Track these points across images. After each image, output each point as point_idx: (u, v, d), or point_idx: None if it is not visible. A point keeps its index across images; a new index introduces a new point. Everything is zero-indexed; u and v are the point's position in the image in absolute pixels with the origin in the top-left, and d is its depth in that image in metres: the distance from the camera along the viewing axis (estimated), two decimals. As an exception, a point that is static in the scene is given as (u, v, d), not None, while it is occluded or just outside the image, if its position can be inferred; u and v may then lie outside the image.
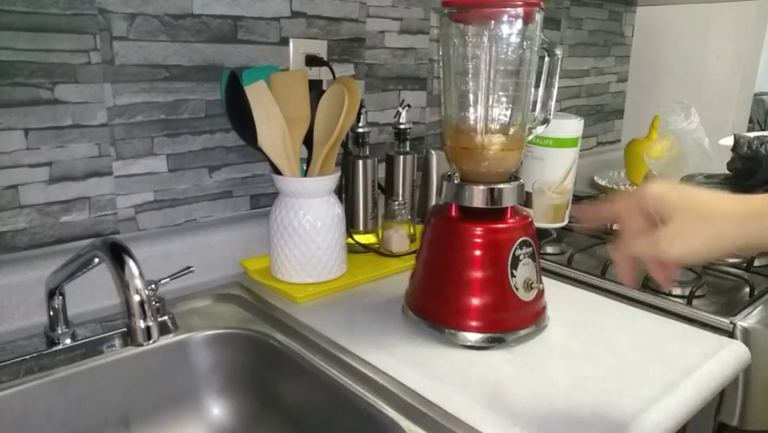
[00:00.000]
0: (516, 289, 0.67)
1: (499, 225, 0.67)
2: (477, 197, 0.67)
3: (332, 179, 0.81)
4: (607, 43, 1.58)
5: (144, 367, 0.69)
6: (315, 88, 0.85)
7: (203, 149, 0.84)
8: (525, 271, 0.68)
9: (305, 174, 0.82)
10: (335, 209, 0.82)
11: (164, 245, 0.79)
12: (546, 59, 0.70)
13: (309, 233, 0.79)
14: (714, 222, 0.44)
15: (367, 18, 0.99)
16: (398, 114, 0.95)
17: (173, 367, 0.71)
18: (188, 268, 0.74)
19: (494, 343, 0.66)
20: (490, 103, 0.67)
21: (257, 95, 0.76)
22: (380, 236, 0.94)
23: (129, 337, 0.54)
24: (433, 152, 1.06)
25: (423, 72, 1.10)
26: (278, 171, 0.80)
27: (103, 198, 0.76)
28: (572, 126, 0.95)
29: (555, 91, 0.71)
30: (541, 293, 0.70)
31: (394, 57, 1.05)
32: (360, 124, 0.89)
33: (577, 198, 1.24)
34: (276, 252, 0.81)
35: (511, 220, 0.69)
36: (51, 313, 0.65)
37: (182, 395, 0.72)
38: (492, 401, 0.56)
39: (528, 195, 0.98)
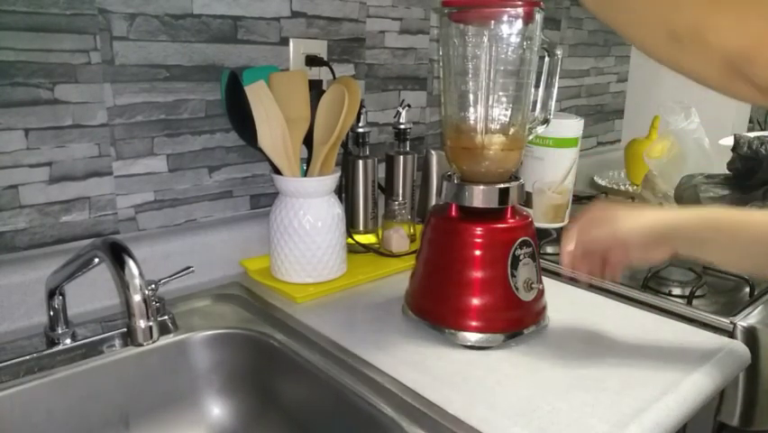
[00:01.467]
0: (516, 289, 0.67)
1: (499, 225, 0.67)
2: (477, 197, 0.67)
3: (332, 179, 0.81)
4: (607, 43, 1.58)
5: (144, 367, 0.69)
6: (315, 88, 0.85)
7: (203, 149, 0.84)
8: (525, 271, 0.68)
9: (305, 174, 0.82)
10: (335, 209, 0.82)
11: (164, 245, 0.79)
12: (546, 59, 0.70)
13: (309, 233, 0.79)
14: (647, 215, 0.62)
15: (367, 18, 0.99)
16: (398, 114, 0.95)
17: (173, 367, 0.71)
18: (188, 268, 0.74)
19: (494, 343, 0.66)
20: (490, 103, 0.67)
21: (257, 95, 0.76)
22: (380, 236, 0.94)
23: (129, 337, 0.54)
24: (433, 151, 1.06)
25: (423, 72, 1.10)
26: (278, 171, 0.80)
27: (103, 198, 0.76)
28: (572, 126, 0.95)
29: (555, 91, 0.71)
30: (541, 293, 0.70)
31: (394, 57, 1.05)
32: (360, 124, 0.89)
33: (577, 198, 1.24)
34: (276, 252, 0.81)
35: (511, 220, 0.69)
36: (51, 313, 0.65)
37: (182, 395, 0.72)
38: (492, 401, 0.56)
39: (528, 195, 0.98)
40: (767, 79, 0.36)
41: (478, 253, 0.66)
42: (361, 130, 0.89)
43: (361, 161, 0.90)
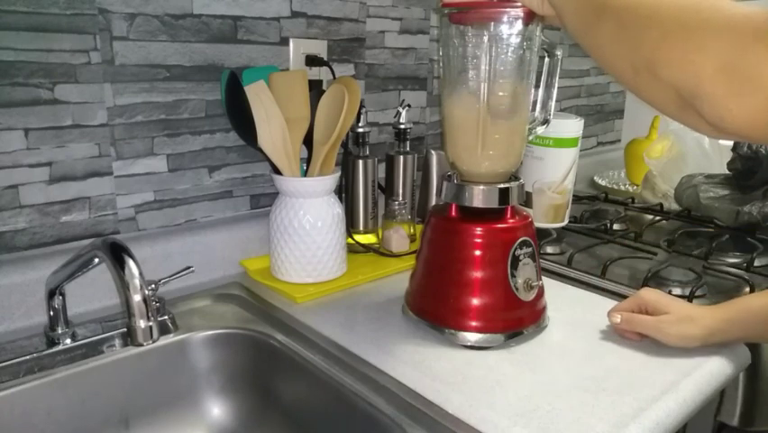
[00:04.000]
0: (516, 289, 0.67)
1: (499, 225, 0.67)
2: (477, 197, 0.67)
3: (332, 179, 0.81)
4: (607, 43, 1.57)
5: (144, 367, 0.69)
6: (315, 88, 0.85)
7: (203, 149, 0.84)
8: (525, 271, 0.68)
9: (305, 174, 0.82)
10: (335, 209, 0.82)
11: (164, 245, 0.79)
12: (546, 59, 0.70)
13: (309, 233, 0.79)
14: (696, 323, 0.64)
15: (367, 18, 0.99)
16: (398, 114, 0.95)
17: (173, 367, 0.71)
18: (188, 268, 0.74)
19: (494, 343, 0.66)
20: (490, 103, 0.67)
21: (257, 95, 0.76)
22: (380, 236, 0.94)
23: (129, 337, 0.54)
24: (433, 151, 1.06)
25: (423, 72, 1.10)
26: (278, 171, 0.80)
27: (103, 198, 0.76)
28: (572, 126, 0.95)
29: (555, 91, 0.71)
30: (541, 293, 0.71)
31: (394, 57, 1.05)
32: (360, 124, 0.89)
33: (577, 198, 1.24)
34: (276, 252, 0.81)
35: (511, 220, 0.69)
36: (51, 313, 0.65)
37: (182, 395, 0.72)
38: (492, 401, 0.56)
39: (528, 195, 0.98)
40: (711, 114, 0.37)
41: (478, 253, 0.66)
42: (361, 130, 0.89)
43: (361, 161, 0.90)
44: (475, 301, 0.66)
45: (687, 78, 0.37)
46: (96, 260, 0.60)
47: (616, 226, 1.09)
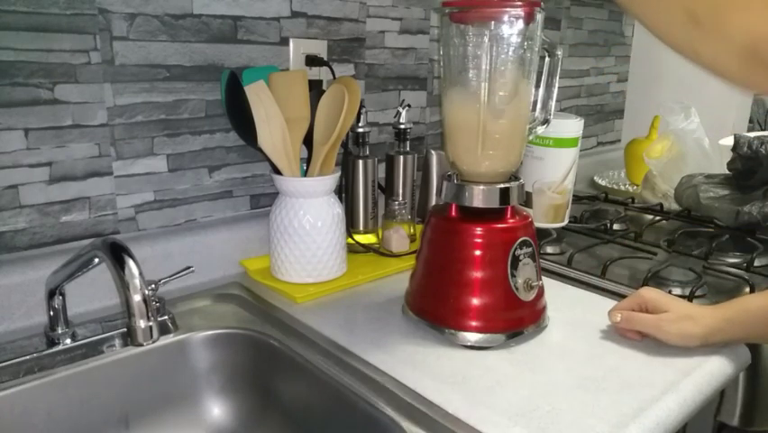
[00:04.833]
0: (517, 289, 0.67)
1: (499, 225, 0.67)
2: (477, 197, 0.67)
3: (332, 179, 0.81)
4: (607, 43, 1.58)
5: (144, 367, 0.69)
6: (315, 88, 0.85)
7: (203, 149, 0.84)
8: (525, 271, 0.68)
9: (305, 174, 0.82)
10: (335, 209, 0.82)
11: (164, 245, 0.79)
12: (547, 59, 0.70)
13: (309, 233, 0.79)
14: (696, 322, 0.65)
15: (367, 18, 0.99)
16: (398, 114, 0.95)
17: (173, 367, 0.71)
18: (188, 268, 0.74)
19: (494, 343, 0.66)
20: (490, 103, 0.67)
21: (257, 95, 0.76)
22: (380, 236, 0.94)
23: (129, 337, 0.54)
24: (433, 151, 1.06)
25: (423, 72, 1.10)
26: (278, 171, 0.80)
27: (103, 198, 0.76)
28: (572, 126, 0.95)
29: (555, 91, 0.71)
30: (541, 293, 0.71)
31: (394, 57, 1.05)
32: (360, 124, 0.89)
33: (577, 198, 1.24)
34: (276, 252, 0.81)
35: (511, 220, 0.69)
36: (51, 313, 0.65)
37: (182, 395, 0.72)
38: (492, 401, 0.56)
39: (528, 195, 0.98)
40: None
41: (478, 253, 0.66)
42: (360, 130, 0.89)
43: (361, 161, 0.90)
44: (475, 301, 0.66)
45: (763, 17, 0.34)
46: (96, 260, 0.60)
47: (616, 226, 1.09)
